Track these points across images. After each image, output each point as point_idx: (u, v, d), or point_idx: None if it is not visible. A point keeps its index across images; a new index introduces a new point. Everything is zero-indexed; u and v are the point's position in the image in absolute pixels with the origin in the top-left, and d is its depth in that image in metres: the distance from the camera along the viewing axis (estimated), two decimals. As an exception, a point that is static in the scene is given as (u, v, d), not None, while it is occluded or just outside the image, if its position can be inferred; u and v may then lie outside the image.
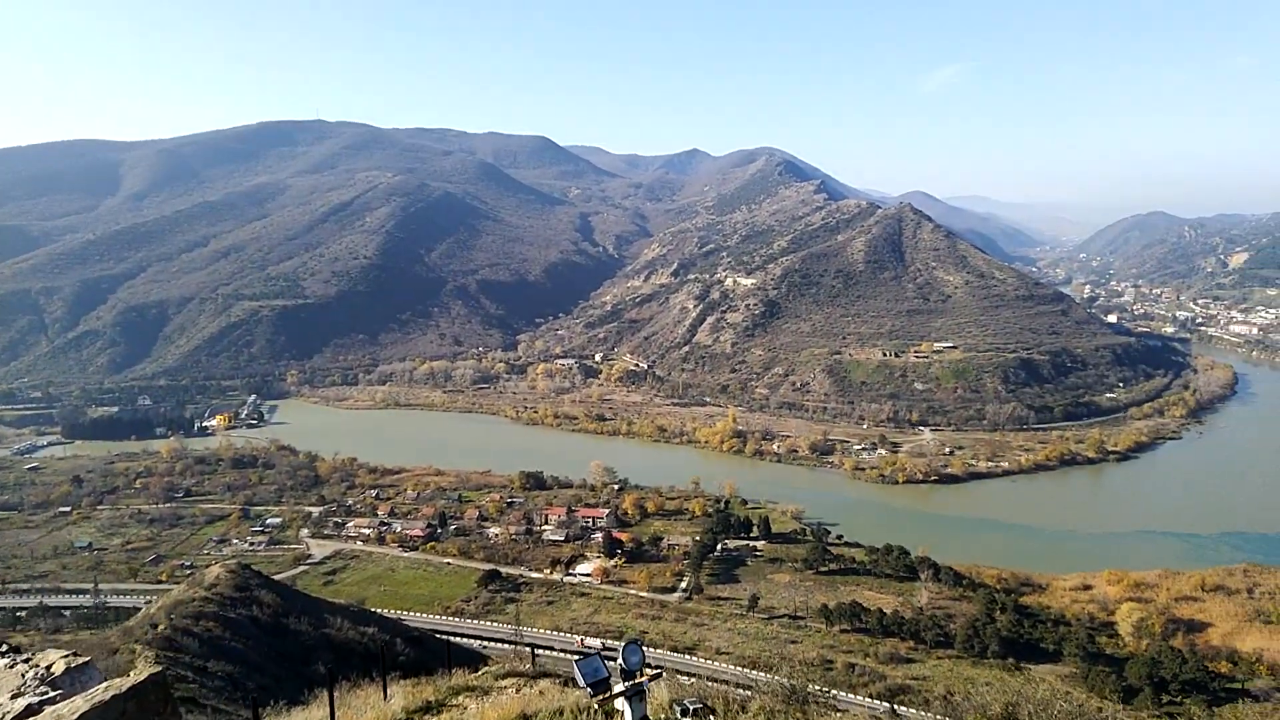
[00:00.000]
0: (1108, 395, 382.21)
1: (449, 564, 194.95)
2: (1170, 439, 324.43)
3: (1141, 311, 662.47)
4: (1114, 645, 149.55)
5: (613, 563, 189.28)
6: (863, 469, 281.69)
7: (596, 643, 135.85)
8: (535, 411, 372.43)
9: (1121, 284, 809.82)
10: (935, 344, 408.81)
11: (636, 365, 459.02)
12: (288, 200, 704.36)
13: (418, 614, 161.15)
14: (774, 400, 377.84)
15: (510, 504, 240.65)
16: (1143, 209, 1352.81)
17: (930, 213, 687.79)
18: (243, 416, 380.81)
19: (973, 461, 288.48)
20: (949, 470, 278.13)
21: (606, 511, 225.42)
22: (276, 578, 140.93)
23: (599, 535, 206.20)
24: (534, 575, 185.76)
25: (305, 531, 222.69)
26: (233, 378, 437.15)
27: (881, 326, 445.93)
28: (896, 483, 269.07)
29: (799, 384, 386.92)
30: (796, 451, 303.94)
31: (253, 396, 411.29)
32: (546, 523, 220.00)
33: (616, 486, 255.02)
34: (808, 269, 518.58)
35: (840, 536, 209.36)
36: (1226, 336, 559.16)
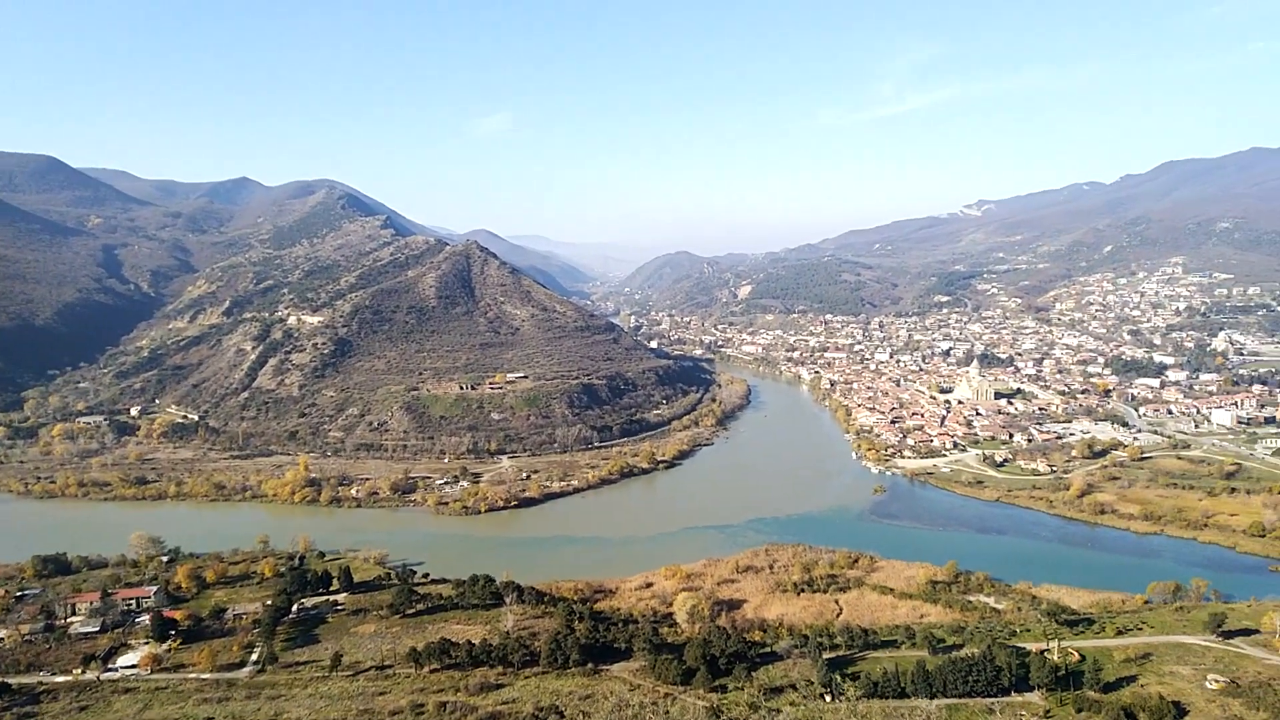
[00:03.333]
0: (655, 412, 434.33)
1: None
2: (705, 445, 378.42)
3: (676, 337, 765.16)
4: (674, 633, 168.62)
5: (165, 647, 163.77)
6: (446, 503, 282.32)
7: None
8: (53, 482, 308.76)
9: (659, 314, 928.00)
10: (508, 375, 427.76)
11: (185, 417, 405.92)
12: None
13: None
14: (350, 443, 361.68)
15: (21, 597, 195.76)
16: (672, 248, 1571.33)
17: (495, 250, 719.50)
18: None
19: (548, 483, 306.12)
20: (527, 494, 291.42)
21: (154, 589, 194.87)
22: None
23: (146, 617, 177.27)
24: (59, 680, 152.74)
25: None
26: None
27: (457, 360, 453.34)
28: (479, 512, 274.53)
29: (376, 423, 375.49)
30: (377, 494, 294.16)
31: None
32: (74, 613, 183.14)
33: (166, 558, 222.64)
34: (379, 305, 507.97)
35: (427, 575, 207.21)
36: (740, 355, 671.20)
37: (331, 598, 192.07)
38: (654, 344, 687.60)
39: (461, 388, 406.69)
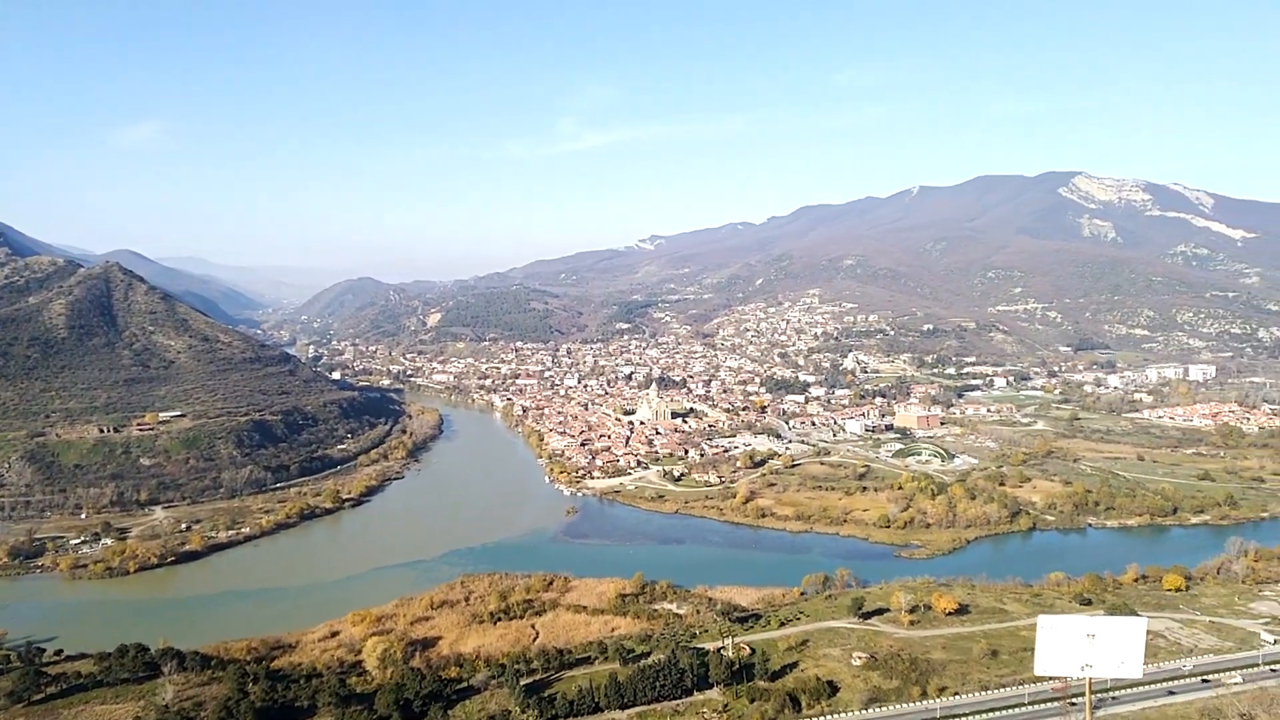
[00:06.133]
0: (339, 447, 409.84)
1: None
2: (396, 479, 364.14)
3: (362, 367, 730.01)
4: (364, 683, 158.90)
5: None
6: (84, 565, 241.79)
7: None
8: None
9: (342, 343, 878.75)
10: (161, 414, 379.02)
11: None
12: None
13: None
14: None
15: None
16: (355, 274, 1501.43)
17: (143, 273, 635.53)
18: None
19: (213, 533, 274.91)
20: (188, 547, 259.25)
21: None
22: None
23: None
24: None
25: None
26: None
27: (96, 399, 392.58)
28: (128, 573, 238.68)
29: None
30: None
31: None
32: None
33: None
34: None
35: (61, 651, 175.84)
36: (431, 384, 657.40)
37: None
38: (337, 375, 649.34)
39: (102, 430, 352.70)
